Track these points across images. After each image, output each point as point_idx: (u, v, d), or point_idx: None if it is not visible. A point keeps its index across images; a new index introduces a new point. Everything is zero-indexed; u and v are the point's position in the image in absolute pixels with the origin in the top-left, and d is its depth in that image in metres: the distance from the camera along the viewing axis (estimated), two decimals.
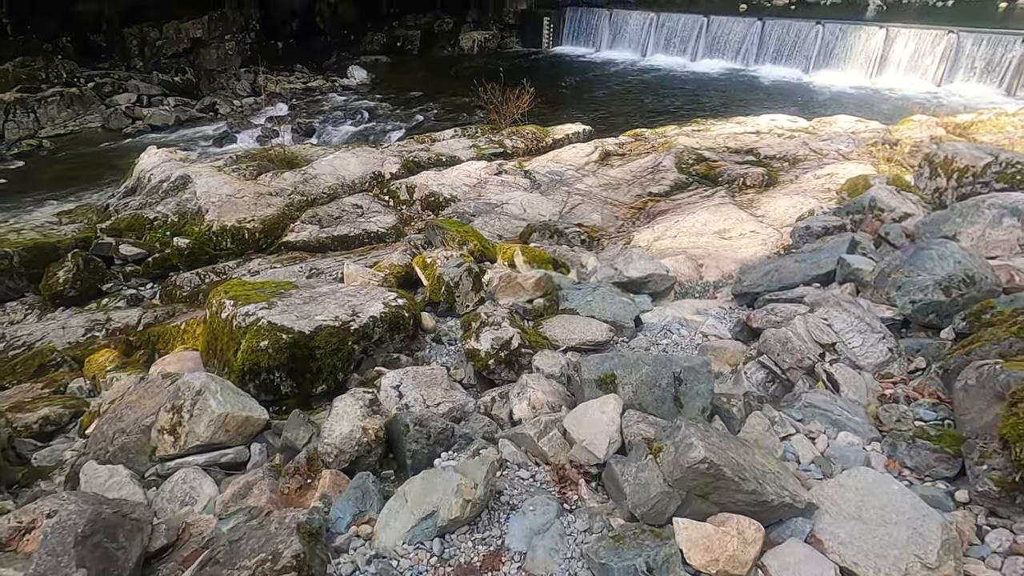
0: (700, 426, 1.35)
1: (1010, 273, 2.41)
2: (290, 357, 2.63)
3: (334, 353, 2.73)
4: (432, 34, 26.72)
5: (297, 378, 2.68)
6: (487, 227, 6.23)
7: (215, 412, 2.21)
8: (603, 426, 1.55)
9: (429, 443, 1.74)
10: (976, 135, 9.97)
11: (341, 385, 2.78)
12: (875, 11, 28.94)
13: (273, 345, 2.61)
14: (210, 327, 2.93)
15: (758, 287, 3.46)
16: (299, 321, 2.74)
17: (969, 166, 3.45)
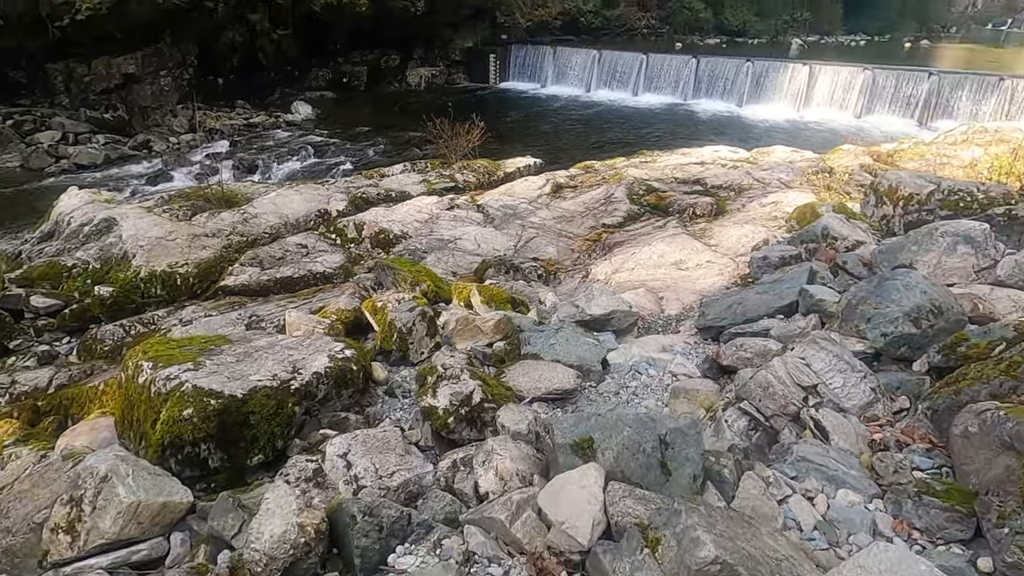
0: (703, 510, 1.17)
1: (973, 302, 2.40)
2: (219, 426, 2.30)
3: (272, 418, 2.42)
4: (379, 70, 26.73)
5: (228, 449, 2.35)
6: (440, 264, 6.01)
7: (124, 502, 1.86)
8: (584, 504, 1.35)
9: (381, 536, 1.48)
10: (900, 163, 10.61)
11: (281, 453, 2.47)
12: (797, 50, 31.19)
13: (199, 413, 2.27)
14: (125, 394, 2.56)
15: (722, 320, 3.38)
16: (230, 383, 2.42)
17: (914, 194, 3.53)
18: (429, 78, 27.34)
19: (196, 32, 19.05)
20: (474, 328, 3.33)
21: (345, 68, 25.90)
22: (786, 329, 2.99)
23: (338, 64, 25.70)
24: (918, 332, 2.31)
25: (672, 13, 34.17)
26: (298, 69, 24.19)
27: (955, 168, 9.42)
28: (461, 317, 3.39)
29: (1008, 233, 3.02)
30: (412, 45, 27.65)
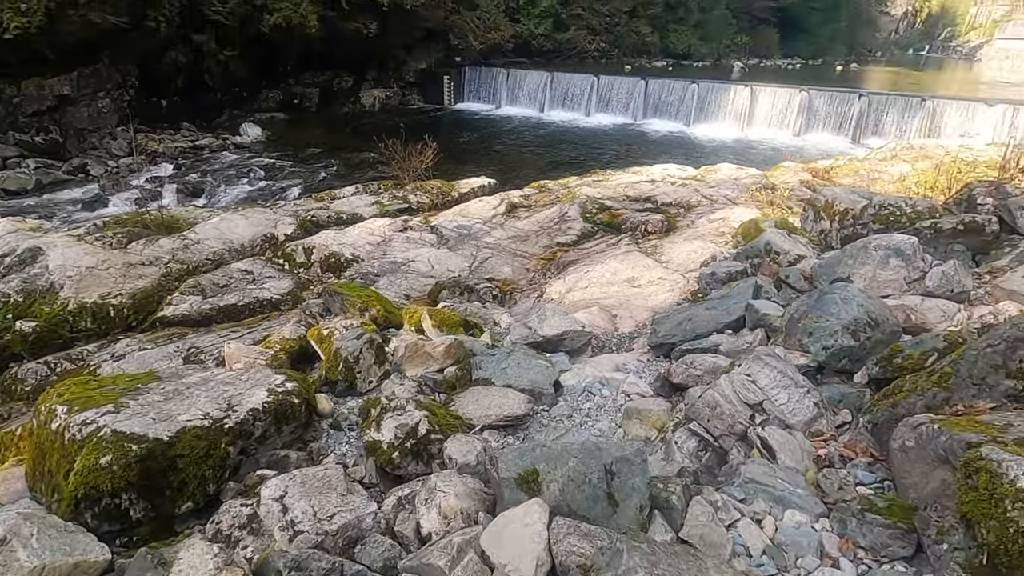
0: (646, 548, 1.13)
1: (906, 313, 2.48)
2: (142, 473, 2.12)
3: (203, 460, 2.25)
4: (331, 91, 26.49)
5: (153, 498, 2.16)
6: (393, 287, 5.88)
7: (25, 567, 1.67)
8: (528, 544, 1.28)
9: None
10: (837, 178, 11.17)
11: (214, 498, 2.29)
12: (739, 73, 32.77)
13: (119, 461, 2.09)
14: (37, 442, 2.34)
15: (673, 337, 3.40)
16: (156, 425, 2.25)
17: (848, 209, 3.68)
18: (383, 99, 27.27)
19: (137, 52, 18.41)
20: (424, 354, 3.24)
21: (296, 89, 25.55)
22: (734, 344, 3.02)
23: (289, 85, 25.34)
24: (857, 344, 2.37)
25: (620, 37, 35.34)
26: (247, 90, 23.70)
27: (886, 183, 9.98)
28: (411, 343, 3.29)
29: (935, 245, 3.17)
30: (365, 67, 27.57)
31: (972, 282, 2.76)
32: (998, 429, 1.29)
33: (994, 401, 1.56)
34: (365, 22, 24.02)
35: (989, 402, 1.57)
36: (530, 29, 30.26)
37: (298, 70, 25.77)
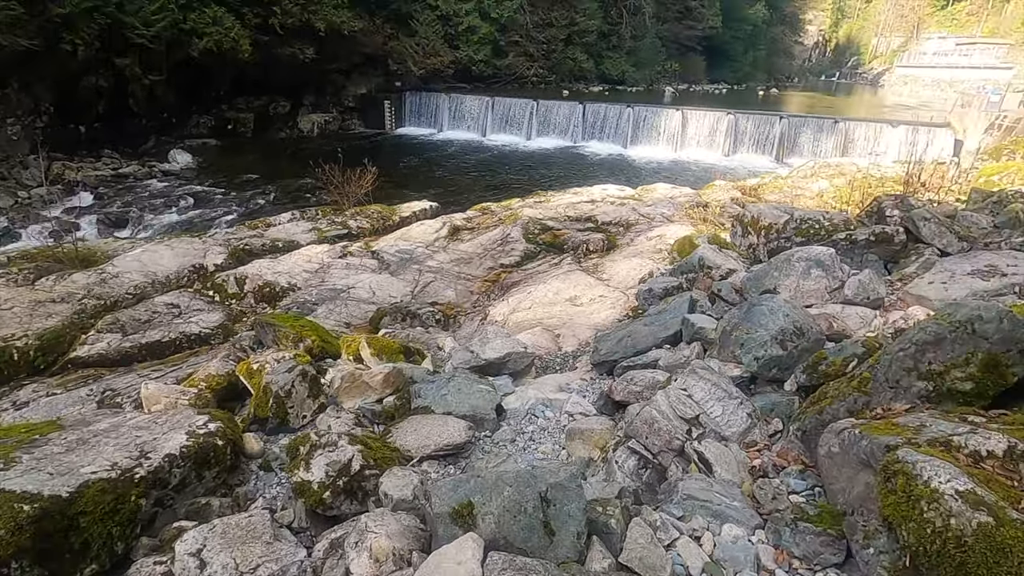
0: None
1: (828, 321, 2.59)
2: (37, 536, 1.89)
3: (109, 517, 2.04)
4: (267, 116, 25.83)
5: (50, 563, 1.93)
6: (333, 315, 5.68)
7: None
8: None
9: None
10: (764, 195, 11.81)
11: (123, 558, 2.08)
12: (670, 97, 34.40)
13: (7, 525, 1.86)
14: None
15: (614, 354, 3.42)
16: (54, 480, 2.02)
17: (772, 224, 3.86)
18: (322, 124, 26.83)
19: (51, 77, 17.34)
20: (362, 384, 3.11)
21: (230, 115, 24.75)
22: (673, 358, 3.06)
23: (222, 111, 24.52)
24: (785, 354, 2.44)
25: (558, 63, 36.44)
26: (176, 116, 22.74)
27: (807, 198, 10.63)
28: (347, 373, 3.16)
29: (851, 255, 3.36)
30: (303, 91, 27.09)
31: (885, 289, 2.94)
32: (912, 430, 1.34)
33: (909, 402, 1.64)
34: (301, 47, 23.67)
35: (905, 403, 1.64)
36: (469, 55, 30.71)
37: (232, 95, 25.00)
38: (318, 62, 24.69)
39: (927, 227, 3.21)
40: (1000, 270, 2.82)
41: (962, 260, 3.00)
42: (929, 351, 1.63)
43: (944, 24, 73.30)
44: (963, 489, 1.08)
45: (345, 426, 2.92)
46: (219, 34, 20.54)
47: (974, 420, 1.41)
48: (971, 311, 1.61)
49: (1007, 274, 2.77)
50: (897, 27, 78.34)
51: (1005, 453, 1.22)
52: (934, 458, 1.16)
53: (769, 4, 53.30)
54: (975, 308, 1.60)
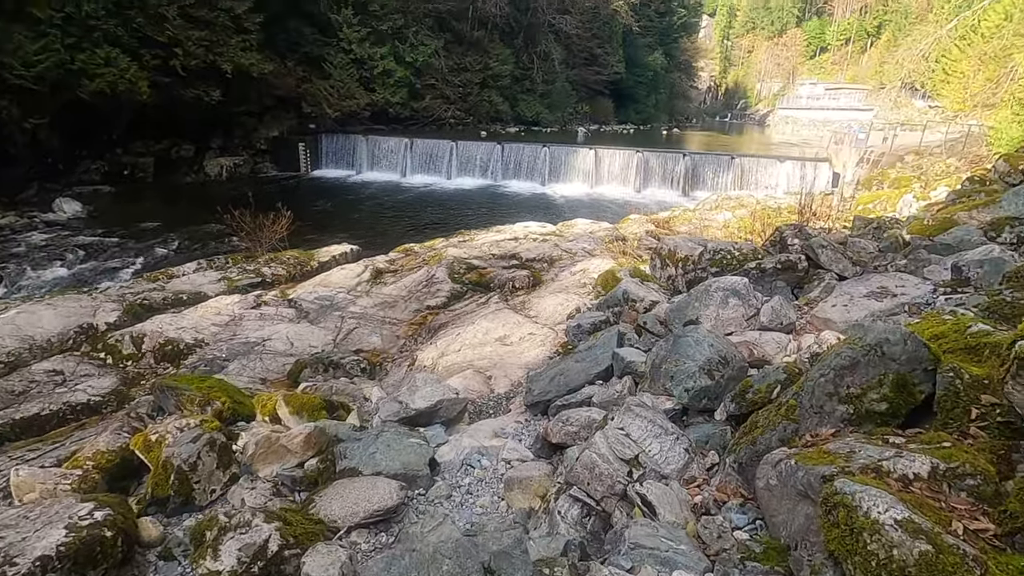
0: None
1: (749, 348, 2.69)
2: None
3: None
4: (169, 160, 24.34)
5: None
6: (246, 371, 5.26)
7: None
8: None
9: None
10: (675, 227, 12.50)
11: None
12: (583, 137, 36.16)
13: None
14: None
15: (548, 394, 3.37)
16: None
17: (688, 255, 4.03)
18: (231, 168, 25.66)
19: None
20: (279, 448, 2.84)
21: (126, 159, 23.10)
22: (606, 394, 3.06)
23: (117, 155, 22.84)
24: (713, 383, 2.50)
25: (475, 105, 37.38)
26: (63, 161, 20.91)
27: (714, 229, 11.36)
28: (263, 437, 2.88)
29: (761, 283, 3.56)
30: (209, 134, 25.86)
31: (795, 314, 3.12)
32: (844, 458, 1.38)
33: (834, 426, 1.69)
34: (207, 89, 22.71)
35: (830, 428, 1.69)
36: (386, 97, 30.79)
37: (129, 138, 23.39)
38: (226, 104, 23.77)
39: (825, 254, 3.48)
40: (890, 291, 3.08)
41: (858, 283, 3.25)
42: (847, 375, 1.70)
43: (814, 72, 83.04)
44: (901, 518, 1.10)
45: (261, 498, 2.64)
46: (113, 75, 19.32)
47: (895, 441, 1.47)
48: (879, 335, 1.70)
49: (896, 294, 3.03)
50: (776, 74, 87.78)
51: (929, 475, 1.27)
52: (870, 487, 1.18)
53: (666, 53, 58.04)
54: (882, 331, 1.70)
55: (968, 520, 1.15)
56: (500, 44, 39.32)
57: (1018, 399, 1.30)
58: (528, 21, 40.70)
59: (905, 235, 4.02)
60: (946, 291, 2.92)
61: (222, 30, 22.42)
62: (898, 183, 17.19)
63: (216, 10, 22.13)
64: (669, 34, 59.57)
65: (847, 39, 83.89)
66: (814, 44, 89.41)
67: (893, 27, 68.17)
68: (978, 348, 1.88)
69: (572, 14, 41.55)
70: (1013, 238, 3.61)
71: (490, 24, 37.65)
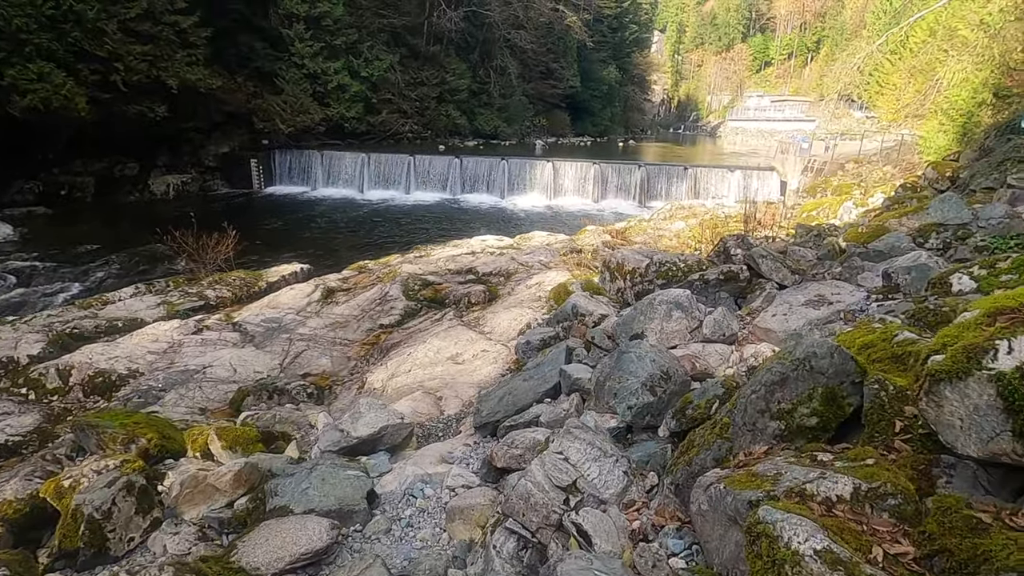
0: None
1: (691, 361, 2.68)
2: None
3: None
4: (112, 179, 23.28)
5: None
6: (184, 402, 4.98)
7: None
8: None
9: None
10: (631, 237, 12.67)
11: None
12: (541, 150, 36.55)
13: None
14: None
15: (496, 414, 3.29)
16: None
17: (636, 268, 4.04)
18: (179, 186, 24.76)
19: None
20: (207, 488, 2.66)
21: (64, 179, 21.97)
22: (553, 413, 3.00)
23: (53, 175, 21.69)
24: (656, 399, 2.47)
25: (432, 119, 37.32)
26: None
27: (668, 238, 11.56)
28: (189, 476, 2.69)
29: (705, 294, 3.58)
30: (155, 151, 24.89)
31: (737, 324, 3.14)
32: (771, 481, 1.35)
33: (766, 443, 1.67)
34: (151, 105, 21.89)
35: (763, 445, 1.67)
36: (341, 112, 30.38)
37: (67, 157, 22.27)
38: (172, 120, 22.96)
39: (765, 264, 3.53)
40: (827, 299, 3.14)
41: (796, 292, 3.31)
42: (777, 391, 1.69)
43: (760, 85, 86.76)
44: (820, 548, 1.06)
45: (186, 543, 2.46)
46: (47, 91, 18.40)
47: (823, 459, 1.45)
48: (807, 348, 1.70)
49: (832, 302, 3.09)
50: (725, 87, 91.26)
51: (852, 496, 1.25)
52: (791, 515, 1.14)
53: (620, 67, 59.55)
54: (810, 345, 1.70)
55: (889, 543, 1.13)
56: (456, 59, 39.50)
57: (931, 416, 1.30)
58: (484, 36, 41.07)
59: (841, 243, 4.14)
60: (878, 298, 2.99)
61: (166, 44, 21.72)
62: (840, 190, 17.97)
63: (160, 24, 21.45)
64: (622, 49, 61.19)
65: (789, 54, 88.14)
66: (759, 59, 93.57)
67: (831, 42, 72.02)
68: (903, 357, 1.90)
69: (527, 29, 42.14)
70: (939, 244, 3.76)
71: (446, 39, 37.79)
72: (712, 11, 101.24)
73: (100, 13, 19.54)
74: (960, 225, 3.74)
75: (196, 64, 22.93)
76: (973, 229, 3.63)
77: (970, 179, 6.48)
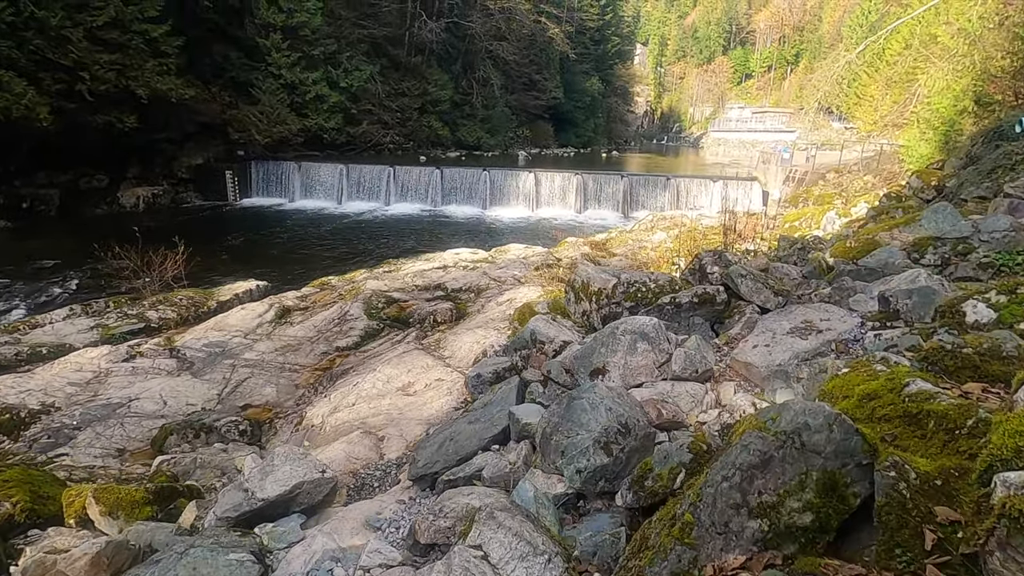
0: None
1: (657, 407, 2.22)
2: None
3: None
4: (78, 192, 22.48)
5: None
6: (100, 442, 4.42)
7: None
8: None
9: None
10: (612, 249, 12.28)
11: None
12: (524, 161, 36.26)
13: None
14: None
15: (435, 465, 2.80)
16: None
17: (602, 288, 3.59)
18: (150, 198, 24.01)
19: None
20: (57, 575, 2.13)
21: (27, 191, 21.15)
22: (498, 467, 2.52)
23: (15, 187, 20.85)
24: (611, 460, 2.00)
25: (414, 130, 36.91)
26: None
27: (650, 250, 11.18)
28: (34, 561, 2.16)
29: (677, 320, 3.15)
30: (125, 163, 24.14)
31: (713, 357, 2.70)
32: None
33: (744, 551, 1.22)
34: (119, 116, 21.21)
35: (739, 554, 1.22)
36: (320, 123, 29.84)
37: (30, 168, 21.46)
38: (143, 131, 22.29)
39: (745, 284, 3.11)
40: (815, 326, 2.71)
41: (781, 317, 2.88)
42: (757, 477, 1.24)
43: (741, 97, 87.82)
44: None
45: None
46: (6, 100, 17.68)
47: None
48: (796, 417, 1.25)
49: (822, 329, 2.67)
50: (707, 99, 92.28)
51: None
52: None
53: (603, 79, 59.76)
54: (800, 413, 1.25)
55: None
56: (438, 70, 39.23)
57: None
58: (466, 47, 40.90)
59: (828, 258, 3.74)
60: (875, 326, 2.56)
61: (136, 53, 21.10)
62: (821, 200, 17.83)
63: (129, 32, 20.83)
64: (604, 61, 61.51)
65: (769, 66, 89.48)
66: (740, 71, 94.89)
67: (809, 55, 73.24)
68: (920, 418, 1.46)
69: (509, 41, 42.06)
70: (937, 260, 3.36)
71: (427, 50, 37.53)
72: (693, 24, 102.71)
73: (64, 20, 18.90)
74: (959, 239, 3.36)
75: (168, 73, 22.32)
76: (975, 243, 3.25)
77: (959, 188, 6.17)
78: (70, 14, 19.14)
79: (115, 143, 22.36)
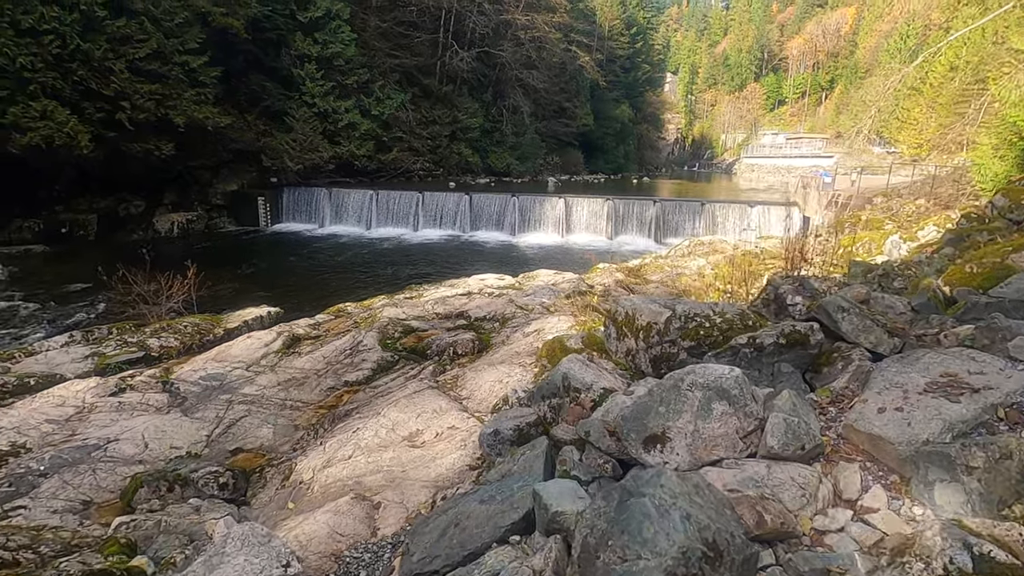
0: None
1: (756, 509, 1.48)
2: None
3: None
4: (116, 217, 22.95)
5: None
6: (64, 493, 3.84)
7: None
8: None
9: None
10: (647, 275, 11.47)
11: None
12: (553, 186, 35.87)
13: None
14: None
15: (434, 561, 2.10)
16: None
17: (652, 323, 2.87)
18: (184, 224, 24.33)
19: None
20: None
21: (66, 216, 21.65)
22: (519, 572, 1.79)
23: (55, 213, 21.38)
24: None
25: (444, 157, 37.05)
26: None
27: (688, 277, 10.35)
28: None
29: (758, 367, 2.40)
30: (162, 189, 24.65)
31: (817, 423, 1.95)
32: None
33: None
34: (158, 143, 21.64)
35: None
36: (351, 150, 30.13)
37: (72, 194, 22.04)
38: (180, 158, 22.71)
39: (848, 321, 2.36)
40: (964, 381, 1.94)
41: (905, 367, 2.12)
42: None
43: (775, 123, 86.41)
44: None
45: None
46: (50, 128, 18.16)
47: None
48: None
49: (977, 388, 1.89)
50: (739, 125, 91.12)
51: None
52: None
53: (633, 105, 59.52)
54: None
55: None
56: (469, 98, 39.54)
57: None
58: (496, 76, 41.22)
59: (943, 286, 2.95)
60: None
61: (175, 83, 21.62)
62: (870, 225, 16.71)
63: (169, 64, 21.38)
64: (635, 88, 61.39)
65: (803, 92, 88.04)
66: (773, 97, 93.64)
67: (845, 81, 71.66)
68: None
69: (539, 69, 42.22)
70: None
71: (458, 79, 37.90)
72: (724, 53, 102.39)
73: (108, 53, 19.50)
74: None
75: (205, 103, 22.80)
76: None
77: None
78: (114, 47, 19.73)
79: (153, 170, 22.84)
